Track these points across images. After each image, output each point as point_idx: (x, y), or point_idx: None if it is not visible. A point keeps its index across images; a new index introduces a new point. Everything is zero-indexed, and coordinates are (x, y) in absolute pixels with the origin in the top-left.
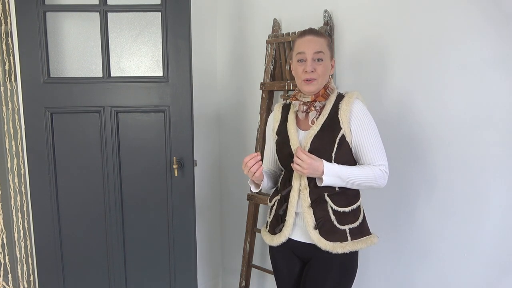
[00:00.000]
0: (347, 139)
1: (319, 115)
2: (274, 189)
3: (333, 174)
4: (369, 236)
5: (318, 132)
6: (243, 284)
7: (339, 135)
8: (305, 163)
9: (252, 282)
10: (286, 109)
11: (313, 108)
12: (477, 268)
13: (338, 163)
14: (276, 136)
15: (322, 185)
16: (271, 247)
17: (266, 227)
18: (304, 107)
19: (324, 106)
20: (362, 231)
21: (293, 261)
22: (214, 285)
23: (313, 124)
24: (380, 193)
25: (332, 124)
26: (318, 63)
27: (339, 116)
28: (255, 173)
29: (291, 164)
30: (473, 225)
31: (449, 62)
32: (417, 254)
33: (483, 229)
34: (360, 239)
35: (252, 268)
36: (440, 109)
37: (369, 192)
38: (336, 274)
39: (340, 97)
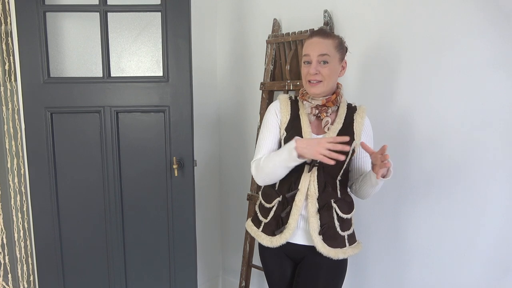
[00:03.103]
0: (355, 149)
1: (332, 121)
2: (269, 188)
3: None
4: (358, 242)
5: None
6: (243, 284)
7: (353, 145)
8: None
9: (252, 282)
10: (294, 105)
11: (325, 114)
12: (477, 268)
13: (345, 171)
14: (285, 133)
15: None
16: (262, 250)
17: (259, 228)
18: (316, 111)
19: (336, 113)
20: (354, 237)
21: (285, 262)
22: (214, 285)
23: (328, 130)
24: (380, 194)
25: (347, 133)
26: (323, 65)
27: (354, 127)
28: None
29: (385, 162)
30: (473, 225)
31: (450, 63)
32: (417, 254)
33: (483, 229)
34: (354, 245)
35: (252, 268)
36: (440, 109)
37: None
38: (328, 275)
39: (351, 108)
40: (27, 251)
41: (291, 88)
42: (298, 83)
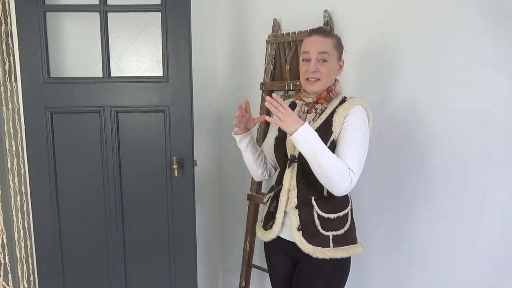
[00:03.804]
0: (336, 142)
1: (318, 117)
2: (272, 185)
3: (309, 135)
4: (353, 245)
5: None
6: (243, 284)
7: (330, 140)
8: (285, 110)
9: (252, 282)
10: (292, 106)
11: (313, 110)
12: (477, 268)
13: None
14: (278, 132)
15: (292, 137)
16: (265, 245)
17: (261, 222)
18: (306, 108)
19: (325, 109)
20: (346, 239)
21: (285, 260)
22: (214, 285)
23: None
24: (380, 193)
25: (326, 127)
26: (322, 63)
27: (333, 119)
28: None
29: (265, 103)
30: (473, 225)
31: (449, 62)
32: (416, 254)
33: (483, 229)
34: (342, 247)
35: (252, 268)
36: (440, 109)
37: (369, 192)
38: (328, 276)
39: (343, 101)
40: (27, 251)
41: (291, 88)
42: (298, 83)
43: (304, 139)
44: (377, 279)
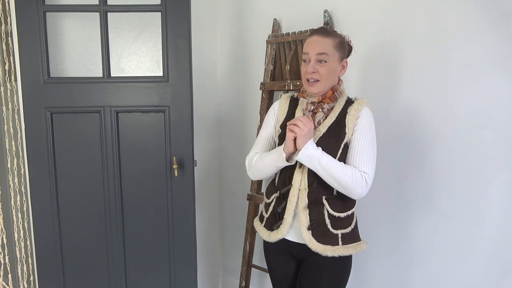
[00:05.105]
0: (348, 144)
1: (326, 117)
2: (270, 185)
3: (312, 152)
4: (359, 242)
5: (324, 134)
6: (243, 284)
7: (343, 142)
8: (307, 127)
9: (252, 282)
10: (293, 103)
11: (320, 110)
12: (477, 268)
13: None
14: (280, 130)
15: (295, 159)
16: (266, 247)
17: (262, 223)
18: (312, 107)
19: (332, 108)
20: (353, 237)
21: (288, 261)
22: (214, 285)
23: (319, 125)
24: (380, 192)
25: (339, 128)
26: (321, 64)
27: (346, 120)
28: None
29: (288, 126)
30: (473, 225)
31: (450, 62)
32: (416, 254)
33: (483, 229)
34: (350, 245)
35: (252, 268)
36: (440, 109)
37: (370, 191)
38: (330, 276)
39: (349, 102)
40: (27, 251)
41: (291, 88)
42: (298, 83)
43: (309, 156)
44: (377, 279)
